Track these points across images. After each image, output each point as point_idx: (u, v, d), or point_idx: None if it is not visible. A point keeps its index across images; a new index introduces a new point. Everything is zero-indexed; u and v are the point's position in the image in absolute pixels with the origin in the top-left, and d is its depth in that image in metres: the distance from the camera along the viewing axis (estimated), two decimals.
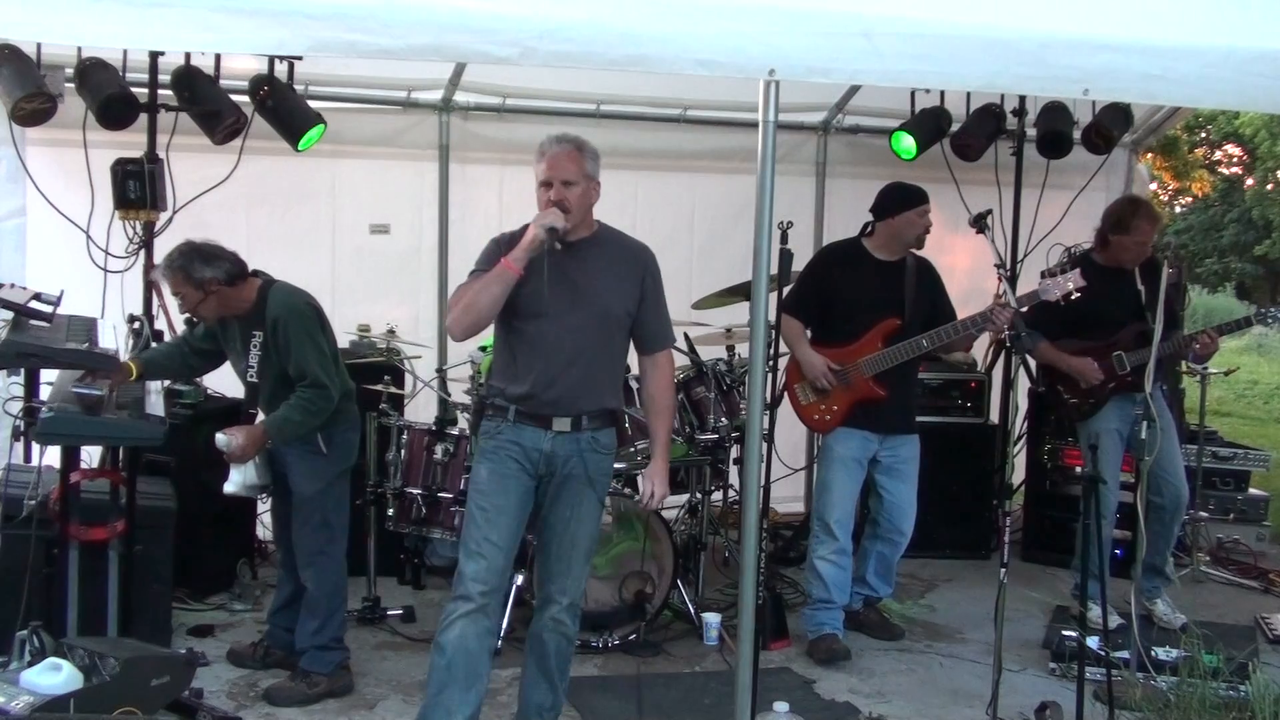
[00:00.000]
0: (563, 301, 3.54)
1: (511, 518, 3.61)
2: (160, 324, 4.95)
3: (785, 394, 4.91)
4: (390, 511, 5.01)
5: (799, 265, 4.54)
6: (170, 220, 4.95)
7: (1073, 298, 4.52)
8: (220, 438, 4.15)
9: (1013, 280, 5.80)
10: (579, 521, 3.68)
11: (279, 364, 4.19)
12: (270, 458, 4.32)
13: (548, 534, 3.72)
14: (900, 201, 4.81)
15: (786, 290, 4.73)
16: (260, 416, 4.30)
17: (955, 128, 6.18)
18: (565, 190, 3.51)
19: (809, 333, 4.91)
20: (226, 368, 4.47)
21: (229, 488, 4.27)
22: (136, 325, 4.63)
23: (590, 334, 3.61)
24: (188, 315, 4.29)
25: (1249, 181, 26.80)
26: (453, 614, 3.57)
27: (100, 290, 4.95)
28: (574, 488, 3.66)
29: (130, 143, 4.87)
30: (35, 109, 4.56)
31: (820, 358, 4.80)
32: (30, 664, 3.39)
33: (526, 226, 3.54)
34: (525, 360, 3.59)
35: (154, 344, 4.68)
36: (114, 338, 4.51)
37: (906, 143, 6.13)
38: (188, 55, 4.79)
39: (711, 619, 5.01)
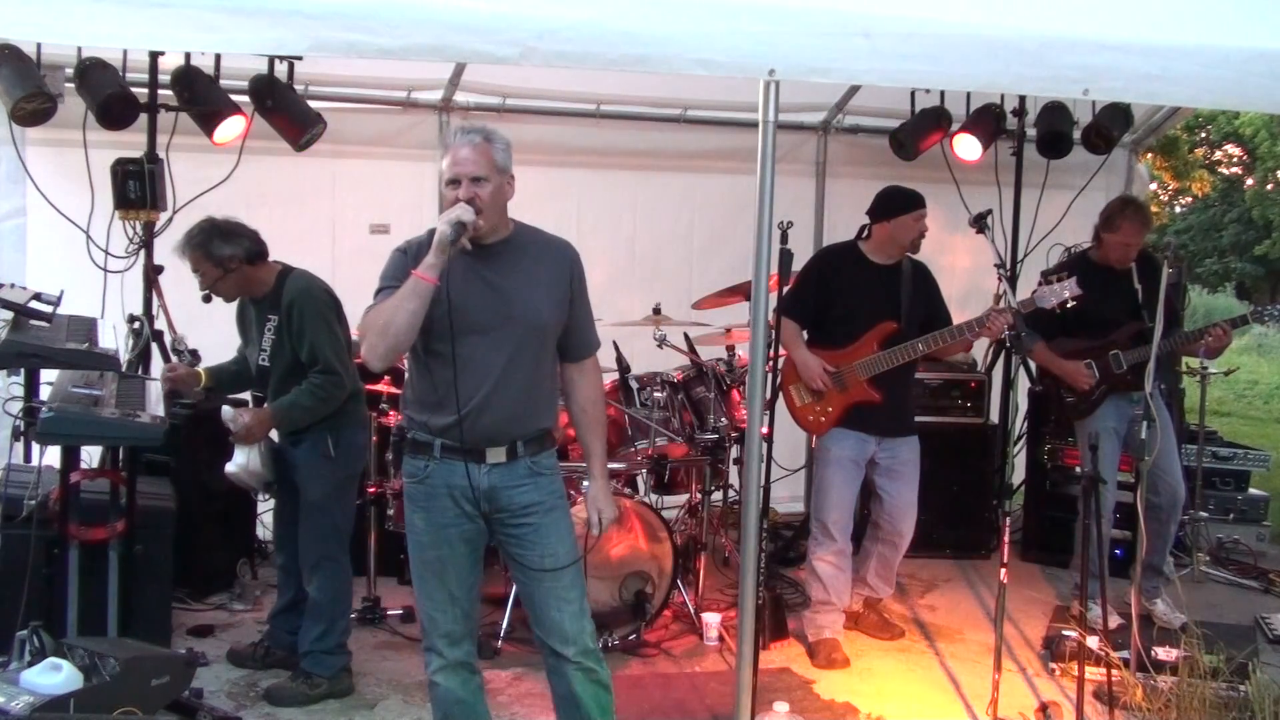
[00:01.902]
0: (488, 313, 3.19)
1: (462, 564, 3.30)
2: (160, 324, 4.95)
3: (780, 395, 4.90)
4: (390, 511, 5.01)
5: (799, 265, 4.54)
6: (170, 220, 4.95)
7: (1068, 305, 4.52)
8: (226, 410, 4.16)
9: (1013, 280, 5.80)
10: (556, 557, 3.30)
11: (291, 349, 4.19)
12: (278, 456, 4.32)
13: (530, 583, 3.31)
14: (897, 205, 4.80)
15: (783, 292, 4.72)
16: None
17: (955, 128, 6.18)
18: (475, 187, 3.13)
19: (805, 335, 4.91)
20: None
21: (230, 468, 4.28)
22: (136, 325, 4.64)
23: (522, 348, 3.23)
24: (205, 292, 4.27)
25: (1249, 181, 26.78)
26: (430, 667, 3.36)
27: (100, 290, 4.95)
28: (537, 518, 3.29)
29: (130, 143, 4.87)
30: (35, 109, 4.57)
31: (816, 359, 4.79)
32: (30, 664, 3.39)
33: (434, 232, 3.15)
34: (448, 385, 3.17)
35: (154, 344, 4.69)
36: (114, 338, 4.51)
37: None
38: (188, 55, 4.81)
39: (711, 619, 5.01)
